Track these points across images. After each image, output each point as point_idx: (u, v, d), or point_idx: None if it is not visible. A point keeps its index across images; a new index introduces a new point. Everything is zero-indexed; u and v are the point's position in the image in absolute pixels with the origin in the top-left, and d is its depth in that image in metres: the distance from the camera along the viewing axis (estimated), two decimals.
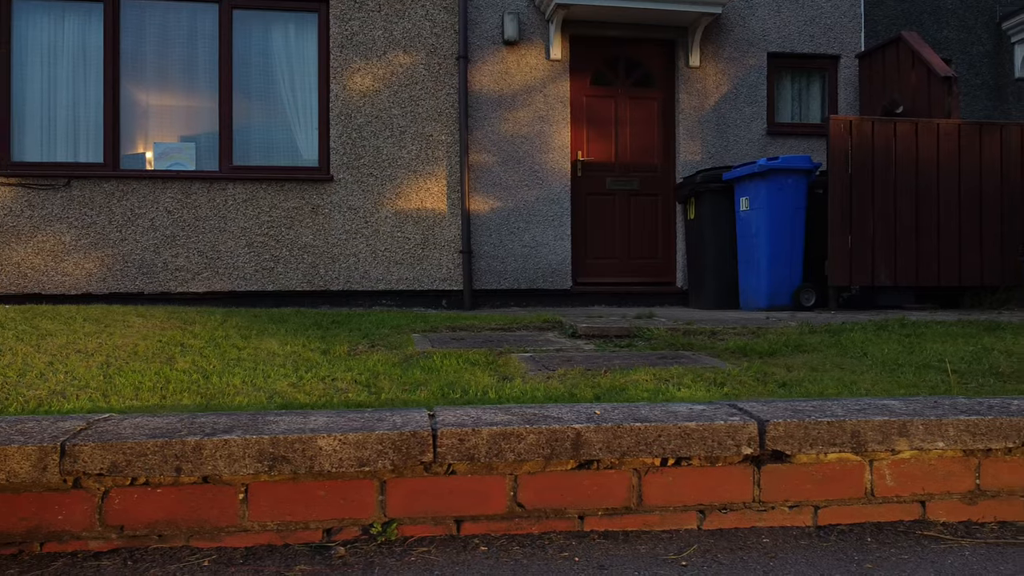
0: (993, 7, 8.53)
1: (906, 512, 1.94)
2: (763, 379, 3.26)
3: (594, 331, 4.79)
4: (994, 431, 1.93)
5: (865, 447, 1.89)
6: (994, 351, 3.82)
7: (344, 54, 7.45)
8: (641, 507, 1.85)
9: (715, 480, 1.87)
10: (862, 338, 4.33)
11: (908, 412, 1.96)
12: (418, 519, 1.77)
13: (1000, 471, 1.98)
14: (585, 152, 7.91)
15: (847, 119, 6.63)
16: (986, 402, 2.09)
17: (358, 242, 7.40)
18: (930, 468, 1.95)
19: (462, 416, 1.84)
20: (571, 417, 1.84)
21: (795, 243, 6.71)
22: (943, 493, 1.96)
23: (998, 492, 1.98)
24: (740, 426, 1.83)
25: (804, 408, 1.96)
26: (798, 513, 1.90)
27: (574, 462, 1.82)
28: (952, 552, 1.77)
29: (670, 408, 1.95)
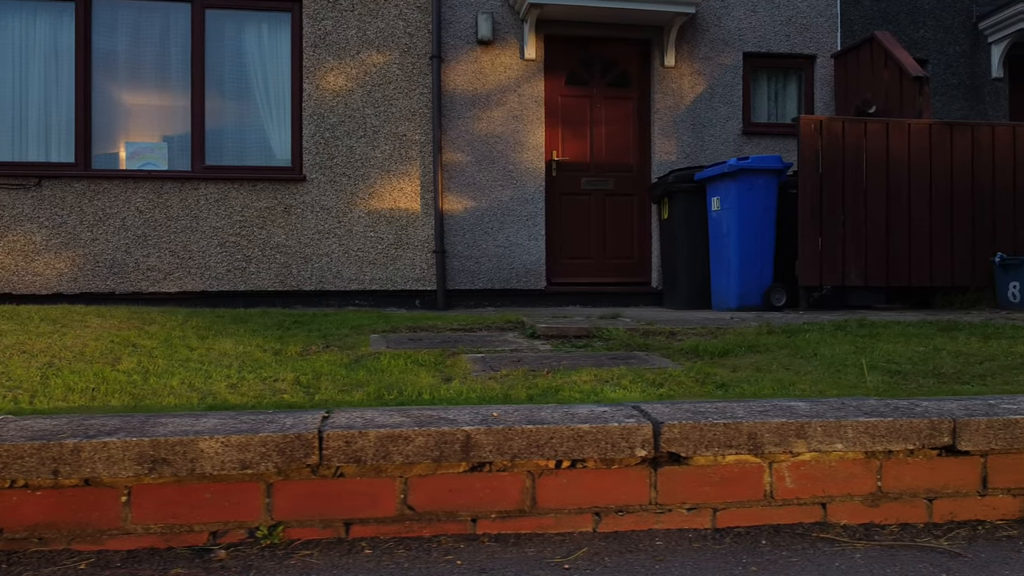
0: (970, 7, 8.52)
1: (806, 514, 1.93)
2: (703, 380, 3.25)
3: (553, 332, 4.78)
4: (894, 433, 1.92)
5: (762, 449, 1.88)
6: (943, 352, 3.81)
7: (317, 54, 7.43)
8: (535, 510, 1.83)
9: (611, 482, 1.86)
10: (817, 339, 4.32)
11: (810, 414, 1.95)
12: (306, 522, 1.76)
13: (903, 473, 1.97)
14: (560, 152, 7.90)
15: (817, 119, 6.62)
16: (893, 403, 2.08)
17: (331, 242, 7.39)
18: (831, 470, 1.94)
19: (355, 418, 1.83)
20: (466, 419, 1.83)
21: (765, 243, 6.70)
22: (844, 495, 1.94)
23: (900, 494, 1.97)
24: (634, 428, 1.82)
25: (705, 410, 1.95)
26: (696, 515, 1.89)
27: (466, 464, 1.81)
28: (842, 555, 1.76)
29: (571, 410, 1.94)
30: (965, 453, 1.99)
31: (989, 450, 1.99)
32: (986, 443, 1.96)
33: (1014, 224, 6.86)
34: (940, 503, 1.98)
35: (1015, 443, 1.97)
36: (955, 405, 2.08)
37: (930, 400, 2.15)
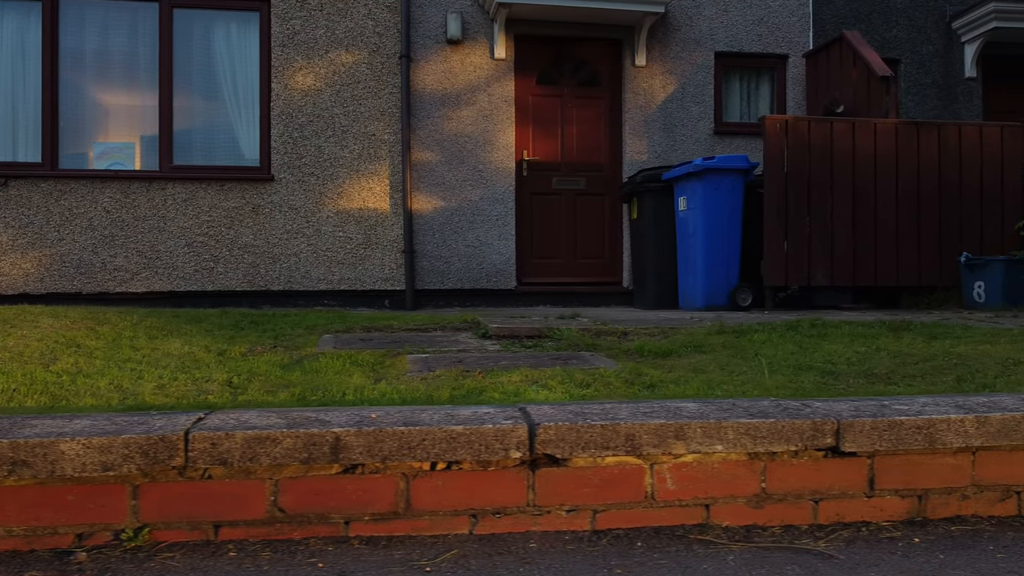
0: (943, 6, 8.51)
1: (689, 516, 1.92)
2: (633, 381, 3.24)
3: (505, 332, 4.77)
4: (775, 434, 1.91)
5: (641, 450, 1.87)
6: (883, 352, 3.80)
7: (286, 53, 7.42)
8: (410, 512, 1.82)
9: (488, 484, 1.85)
10: (764, 339, 4.31)
11: (694, 415, 1.93)
12: (173, 524, 1.75)
13: (787, 475, 1.96)
14: (531, 151, 7.89)
15: (782, 118, 6.61)
16: (783, 404, 2.07)
17: (299, 242, 7.38)
18: (713, 471, 1.93)
19: (228, 420, 1.82)
20: (341, 421, 1.82)
21: (732, 243, 6.69)
22: (727, 496, 1.93)
23: (785, 496, 1.96)
24: (509, 430, 1.81)
25: (589, 411, 1.94)
26: (576, 517, 1.88)
27: (338, 466, 1.80)
28: (714, 557, 1.75)
29: (453, 411, 1.93)
30: (851, 454, 1.98)
31: (875, 451, 1.98)
32: (870, 444, 1.95)
33: (981, 224, 6.85)
34: (826, 504, 1.97)
35: (900, 444, 1.96)
36: (845, 406, 2.07)
37: (823, 401, 2.14)
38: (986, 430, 2.00)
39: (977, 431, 1.99)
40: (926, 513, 2.01)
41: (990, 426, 2.00)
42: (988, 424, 2.00)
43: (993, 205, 6.86)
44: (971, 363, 3.44)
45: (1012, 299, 6.26)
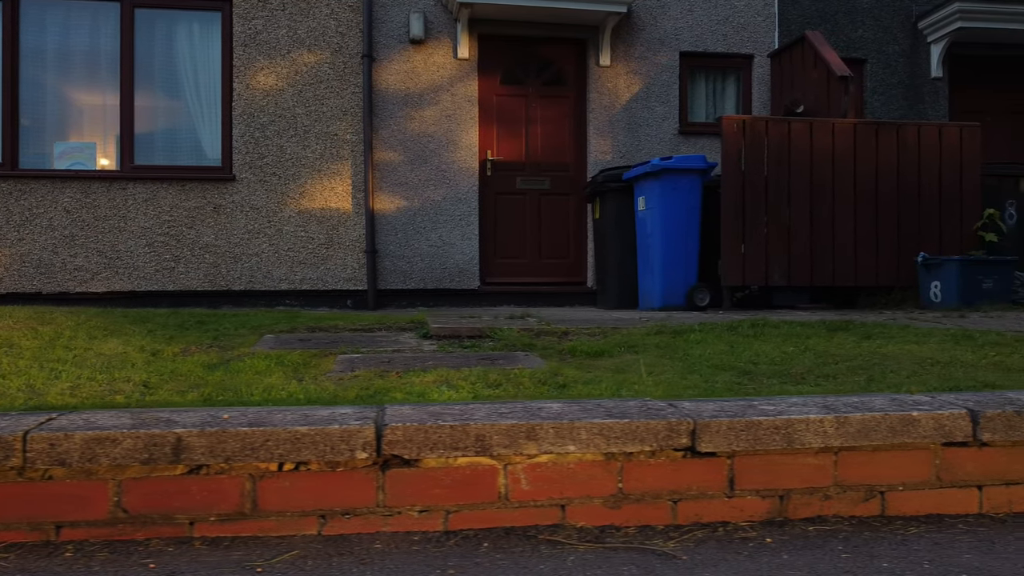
0: (909, 7, 8.51)
1: (544, 516, 1.92)
2: (546, 381, 3.24)
3: (446, 332, 4.77)
4: (630, 435, 1.91)
5: (492, 451, 1.87)
6: (809, 352, 3.80)
7: (247, 53, 7.41)
8: (257, 513, 1.82)
9: (337, 485, 1.84)
10: (700, 339, 4.31)
11: (553, 415, 1.93)
12: (12, 524, 1.74)
13: (645, 475, 1.96)
14: (495, 151, 7.89)
15: (740, 118, 6.61)
16: (648, 404, 2.07)
17: (261, 242, 7.37)
18: (569, 472, 1.93)
19: (75, 420, 1.82)
20: (188, 421, 1.82)
21: (689, 243, 6.69)
22: (584, 497, 1.93)
23: (643, 496, 1.96)
24: (355, 430, 1.81)
25: (446, 412, 1.94)
26: (428, 518, 1.88)
27: (183, 467, 1.79)
28: (556, 558, 1.75)
29: (311, 411, 1.93)
30: (711, 455, 1.98)
31: (734, 451, 1.98)
32: (727, 444, 1.95)
33: (940, 224, 6.85)
34: (685, 505, 1.97)
35: (758, 444, 1.96)
36: (712, 406, 2.07)
37: (692, 401, 2.14)
38: (846, 430, 2.00)
39: (837, 431, 1.99)
40: (787, 513, 2.01)
41: (850, 426, 2.00)
42: (848, 424, 2.00)
43: (952, 205, 6.87)
44: (890, 363, 3.44)
45: (967, 299, 6.26)
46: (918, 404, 2.11)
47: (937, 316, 5.55)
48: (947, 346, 3.86)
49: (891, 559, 1.78)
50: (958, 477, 2.09)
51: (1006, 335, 4.28)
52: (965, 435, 2.05)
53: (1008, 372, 3.22)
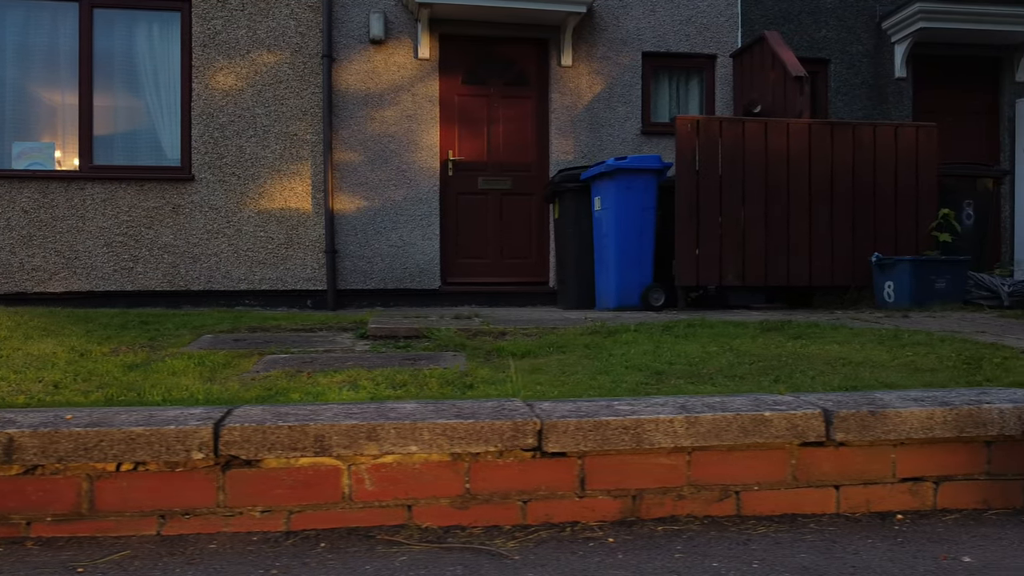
0: (873, 7, 8.52)
1: (389, 516, 1.92)
2: (455, 381, 3.23)
3: (383, 332, 4.77)
4: (474, 435, 1.91)
5: (333, 451, 1.87)
6: (731, 352, 3.81)
7: (207, 53, 7.41)
8: (95, 513, 1.82)
9: (177, 485, 1.85)
10: (631, 339, 4.31)
11: (404, 415, 1.94)
12: None
13: (493, 475, 1.96)
14: (456, 151, 7.89)
15: (694, 118, 6.61)
16: (505, 405, 2.07)
17: (220, 242, 7.37)
18: (415, 472, 1.93)
19: None
20: (28, 421, 1.82)
21: (644, 243, 6.69)
22: (430, 497, 1.94)
23: (491, 496, 1.96)
24: (191, 431, 1.81)
25: (287, 412, 1.94)
26: (270, 518, 1.88)
27: (18, 467, 1.80)
28: (386, 557, 1.75)
29: (158, 412, 1.93)
30: (561, 455, 1.98)
31: (585, 451, 1.98)
32: (575, 444, 1.96)
33: (896, 224, 6.86)
34: (535, 505, 1.98)
35: (607, 444, 1.97)
36: (568, 407, 2.07)
37: (551, 402, 2.14)
38: (697, 430, 2.00)
39: (687, 431, 2.00)
40: (639, 513, 2.02)
41: (701, 426, 2.00)
42: (699, 425, 2.00)
43: (908, 205, 6.87)
44: (803, 364, 3.45)
45: (919, 299, 6.27)
46: (776, 404, 2.11)
47: (880, 316, 5.56)
48: (869, 347, 3.86)
49: (723, 559, 1.78)
50: (815, 477, 2.09)
51: (934, 335, 4.28)
52: (818, 435, 2.06)
53: (914, 372, 3.23)
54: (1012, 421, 2.13)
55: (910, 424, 2.08)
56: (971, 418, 2.11)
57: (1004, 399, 2.19)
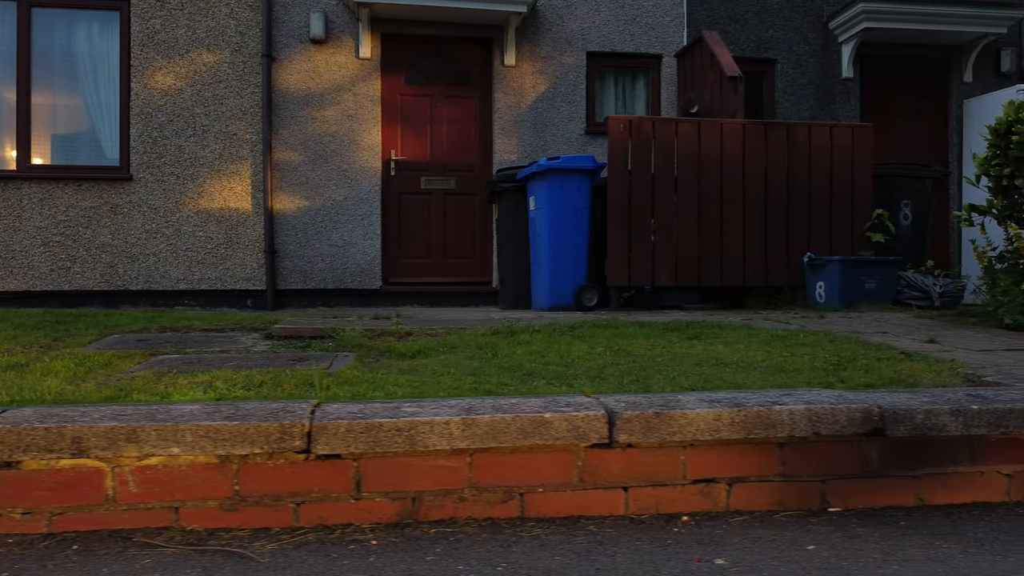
0: (820, 7, 8.51)
1: (155, 518, 1.91)
2: (315, 383, 3.21)
3: (288, 332, 4.76)
4: (238, 437, 1.90)
5: (91, 453, 1.86)
6: (612, 353, 3.80)
7: (145, 52, 7.39)
8: None
9: None
10: (528, 339, 4.30)
11: (182, 416, 1.92)
12: None
13: (264, 477, 1.95)
14: (399, 151, 7.88)
15: (626, 119, 6.60)
16: (288, 406, 2.06)
17: (158, 241, 7.35)
18: (182, 474, 1.92)
19: None
20: None
21: (578, 243, 6.67)
22: (198, 499, 1.92)
23: (262, 498, 1.95)
24: None
25: (55, 414, 1.93)
26: (31, 520, 1.87)
27: None
28: (131, 560, 1.74)
29: None
30: (336, 456, 1.97)
31: (360, 453, 1.97)
32: (345, 446, 1.95)
33: (831, 225, 6.85)
34: (309, 507, 1.97)
35: (379, 446, 1.96)
36: (355, 408, 2.06)
37: (340, 403, 2.13)
38: (473, 432, 1.99)
39: (463, 433, 1.99)
40: (418, 515, 2.01)
41: (478, 428, 1.99)
42: (476, 427, 1.99)
43: (843, 206, 6.86)
44: (675, 364, 3.44)
45: (848, 299, 6.26)
46: (565, 406, 2.10)
47: (798, 316, 5.55)
48: (754, 348, 3.85)
49: (474, 562, 1.77)
50: (602, 479, 2.08)
51: (829, 335, 4.27)
52: (601, 437, 2.05)
53: (776, 373, 3.22)
54: (803, 423, 2.12)
55: (696, 425, 2.07)
56: (760, 420, 2.10)
57: (800, 401, 2.18)
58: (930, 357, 3.59)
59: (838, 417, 2.13)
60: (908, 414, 2.16)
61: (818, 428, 2.13)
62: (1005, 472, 2.27)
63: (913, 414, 2.16)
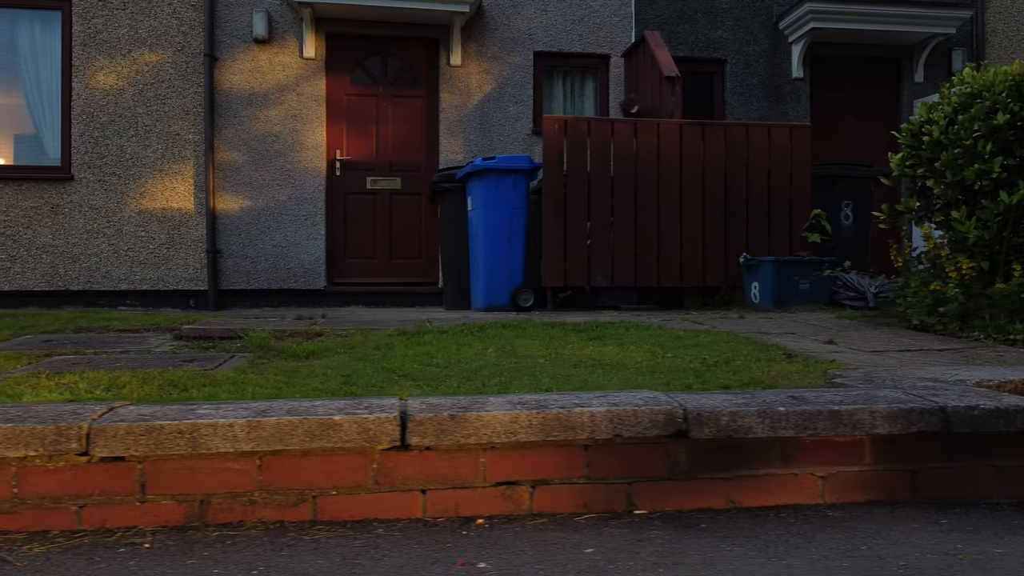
0: (770, 7, 8.50)
1: None
2: (178, 384, 3.19)
3: (198, 332, 4.76)
4: (12, 439, 1.89)
5: None
6: (501, 354, 3.79)
7: (87, 52, 7.38)
8: None
9: None
10: (430, 340, 4.29)
11: None
12: None
13: (44, 479, 1.93)
14: (344, 151, 7.87)
15: (562, 118, 6.59)
16: (79, 408, 2.04)
17: (100, 242, 7.34)
18: None
19: None
20: None
21: (514, 244, 6.66)
22: None
23: (42, 500, 1.93)
24: None
25: None
26: None
27: None
28: None
29: None
30: (119, 459, 1.96)
31: (144, 456, 1.96)
32: (126, 449, 1.93)
33: (769, 225, 6.84)
34: (92, 510, 1.95)
35: (160, 448, 1.94)
36: (148, 410, 2.05)
37: (142, 406, 2.12)
38: (259, 435, 1.98)
39: (248, 436, 1.98)
40: (206, 518, 1.99)
41: (263, 431, 1.98)
42: (261, 429, 1.98)
43: (782, 206, 6.86)
44: (553, 365, 3.43)
45: (781, 299, 6.25)
46: (366, 408, 2.09)
47: (718, 317, 5.54)
48: (644, 349, 3.84)
49: (231, 565, 1.76)
50: (398, 481, 2.07)
51: (733, 335, 4.26)
52: (392, 439, 2.04)
53: (649, 374, 3.21)
54: (604, 425, 2.11)
55: (492, 428, 2.06)
56: (559, 422, 2.09)
57: (605, 403, 2.17)
58: (812, 358, 3.59)
59: (640, 419, 2.12)
60: (713, 416, 2.15)
61: (620, 430, 2.12)
62: (819, 474, 2.26)
63: (718, 416, 2.15)
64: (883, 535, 2.05)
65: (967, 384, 2.76)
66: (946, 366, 3.40)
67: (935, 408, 2.25)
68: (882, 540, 2.01)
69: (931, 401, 2.29)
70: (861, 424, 2.22)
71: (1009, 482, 2.35)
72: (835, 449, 2.26)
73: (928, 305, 4.55)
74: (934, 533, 2.07)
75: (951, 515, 2.22)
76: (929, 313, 4.54)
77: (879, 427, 2.23)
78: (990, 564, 1.87)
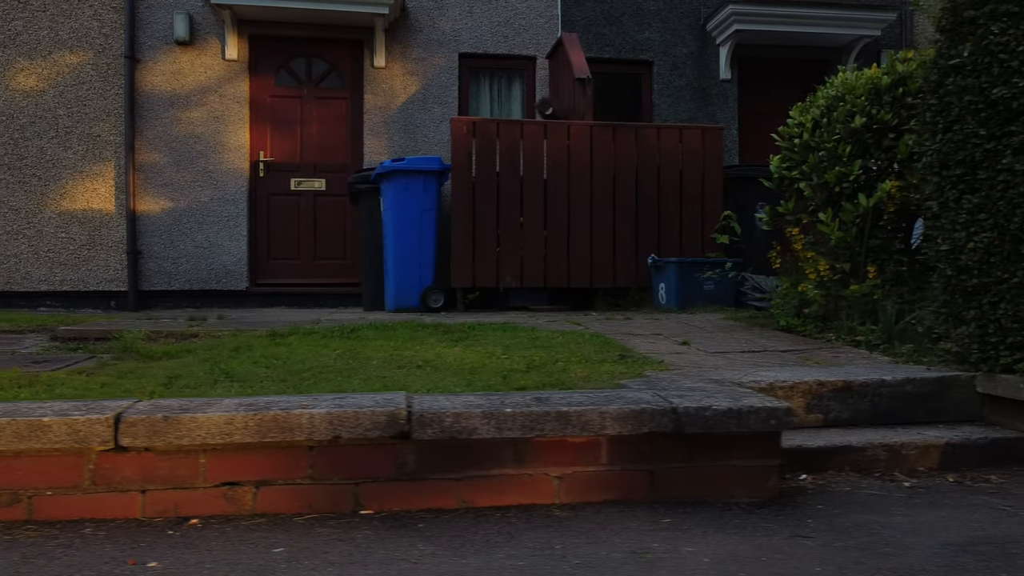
0: (698, 9, 8.53)
1: None
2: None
3: (72, 334, 4.79)
4: None
5: None
6: (332, 355, 3.81)
7: (7, 54, 7.40)
8: None
9: None
10: (290, 342, 4.30)
11: None
12: None
13: None
14: (268, 152, 7.89)
15: (470, 120, 6.62)
16: None
17: (19, 243, 7.36)
18: None
19: None
20: None
21: (424, 245, 6.69)
22: None
23: None
24: None
25: None
26: None
27: None
28: None
29: None
30: None
31: None
32: None
33: (681, 227, 6.87)
34: None
35: None
36: None
37: None
38: None
39: None
40: None
41: None
42: None
43: (694, 207, 6.89)
44: (366, 367, 3.45)
45: (684, 300, 6.28)
46: (89, 409, 2.12)
47: (601, 318, 5.57)
48: (473, 349, 3.85)
49: None
50: (116, 482, 2.10)
51: (588, 336, 4.29)
52: (104, 440, 2.07)
53: (469, 374, 3.23)
54: (323, 427, 2.14)
55: (207, 429, 2.10)
56: (276, 424, 2.12)
57: (330, 404, 2.20)
58: (648, 359, 3.62)
59: (361, 420, 2.15)
60: (437, 417, 2.19)
61: (340, 431, 2.15)
62: (555, 475, 2.29)
63: (442, 417, 2.19)
64: (592, 534, 2.08)
65: (745, 385, 2.79)
66: (768, 367, 3.43)
67: (667, 409, 2.29)
68: (585, 539, 2.05)
69: (666, 403, 2.33)
70: (591, 425, 2.25)
71: (751, 482, 2.39)
72: (571, 449, 2.30)
73: (794, 307, 4.59)
74: (643, 532, 2.11)
75: (679, 514, 2.25)
76: (796, 315, 4.58)
77: (609, 428, 2.26)
78: (666, 562, 1.91)
